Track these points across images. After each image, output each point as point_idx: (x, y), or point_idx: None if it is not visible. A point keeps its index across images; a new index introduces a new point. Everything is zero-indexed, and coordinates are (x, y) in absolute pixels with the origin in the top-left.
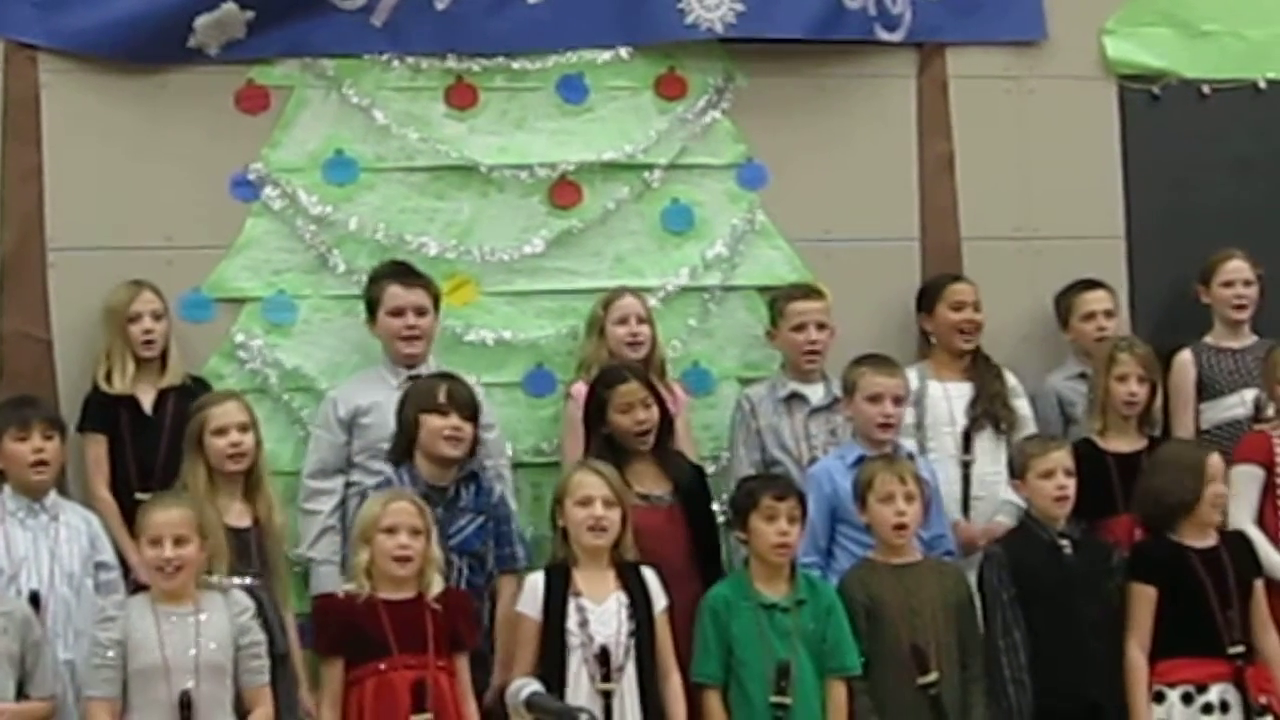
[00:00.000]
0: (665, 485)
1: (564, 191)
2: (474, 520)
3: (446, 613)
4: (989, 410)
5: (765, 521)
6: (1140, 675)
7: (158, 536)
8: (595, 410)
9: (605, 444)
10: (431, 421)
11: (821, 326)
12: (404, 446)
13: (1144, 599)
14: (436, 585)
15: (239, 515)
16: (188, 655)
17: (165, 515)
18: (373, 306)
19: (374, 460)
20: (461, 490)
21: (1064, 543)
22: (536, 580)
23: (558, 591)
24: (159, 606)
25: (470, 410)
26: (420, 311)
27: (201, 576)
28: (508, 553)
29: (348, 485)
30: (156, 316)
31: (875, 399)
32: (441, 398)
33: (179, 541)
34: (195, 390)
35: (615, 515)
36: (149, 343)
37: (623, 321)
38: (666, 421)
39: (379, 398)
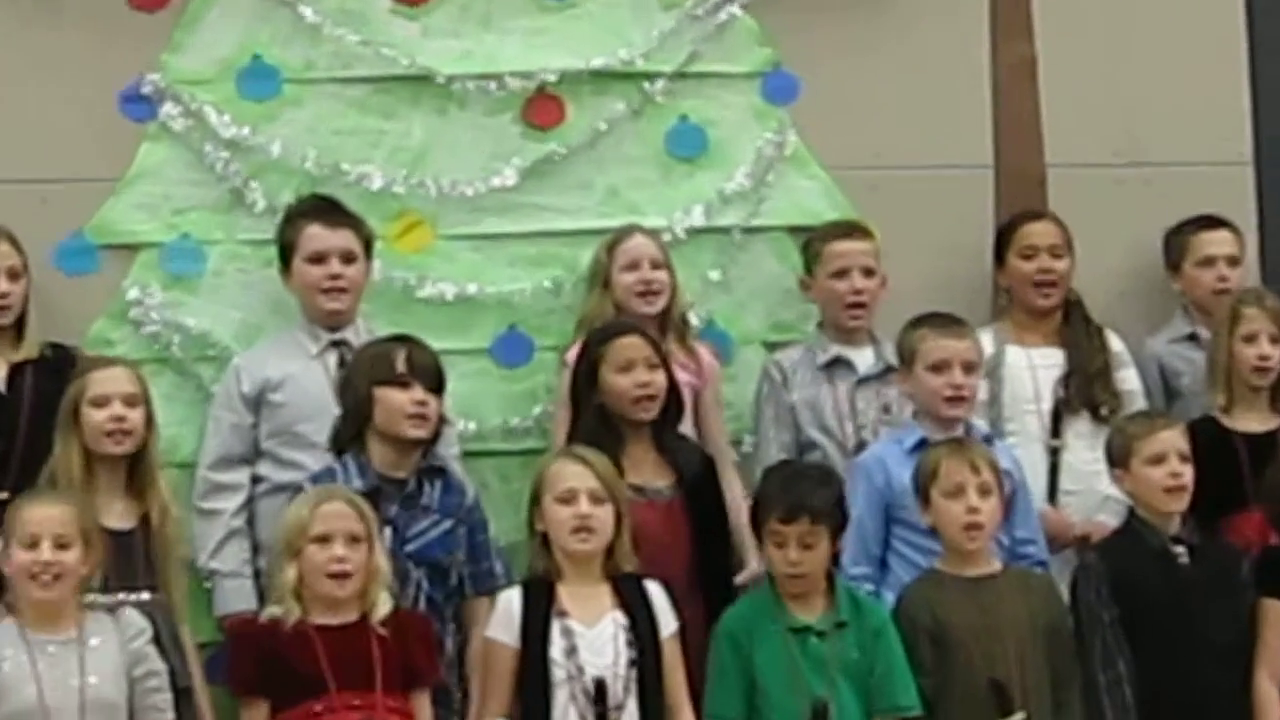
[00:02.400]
0: (666, 475)
1: (542, 108)
2: (438, 524)
3: (397, 639)
4: (1086, 384)
5: (773, 546)
6: (1272, 711)
7: (34, 537)
8: (585, 374)
9: (598, 419)
10: (390, 396)
11: (869, 273)
12: (352, 428)
13: (1278, 618)
14: (384, 605)
15: (121, 515)
16: (71, 693)
17: (44, 512)
18: (288, 252)
19: (287, 447)
20: (425, 485)
21: (1179, 549)
22: (511, 598)
23: (538, 612)
24: (32, 635)
25: (436, 380)
26: (347, 258)
27: (84, 596)
28: (485, 569)
29: (255, 480)
30: (13, 275)
31: (940, 367)
32: (401, 366)
33: (60, 545)
34: (57, 363)
35: (607, 514)
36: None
37: (633, 267)
38: (675, 397)
39: (293, 368)
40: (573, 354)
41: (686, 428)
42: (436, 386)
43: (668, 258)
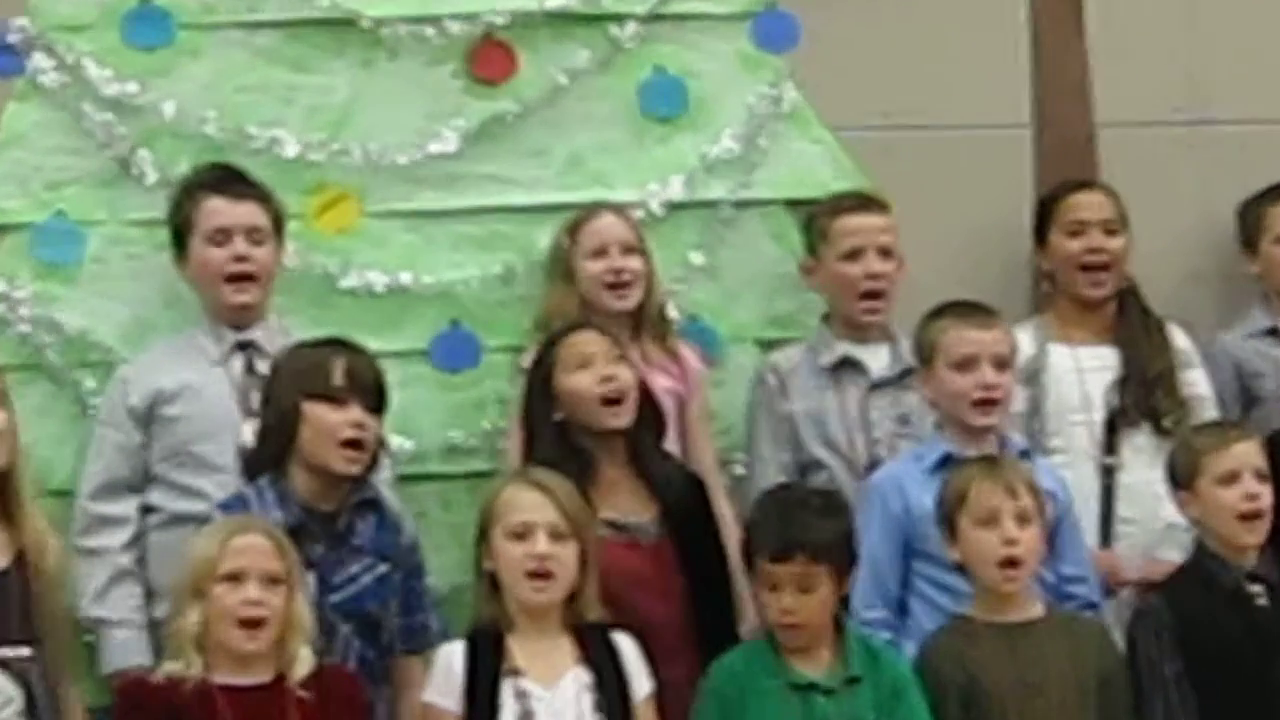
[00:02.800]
0: (650, 507)
1: (490, 58)
2: (372, 569)
3: (321, 703)
4: (1144, 389)
5: (767, 590)
6: None
7: None
8: (538, 385)
9: (556, 440)
10: (320, 415)
11: (885, 254)
12: (273, 448)
13: None
14: (305, 662)
15: None
16: None
17: None
18: (182, 233)
19: (184, 471)
20: (356, 521)
21: (1256, 588)
22: (453, 654)
23: (486, 670)
24: None
25: (377, 397)
26: (254, 237)
27: None
28: (418, 623)
29: (147, 511)
30: None
31: (966, 364)
32: (338, 378)
33: None
34: None
35: (569, 554)
36: None
37: (600, 253)
38: (653, 409)
39: (191, 376)
40: (528, 360)
41: (670, 445)
42: (377, 405)
43: (642, 241)
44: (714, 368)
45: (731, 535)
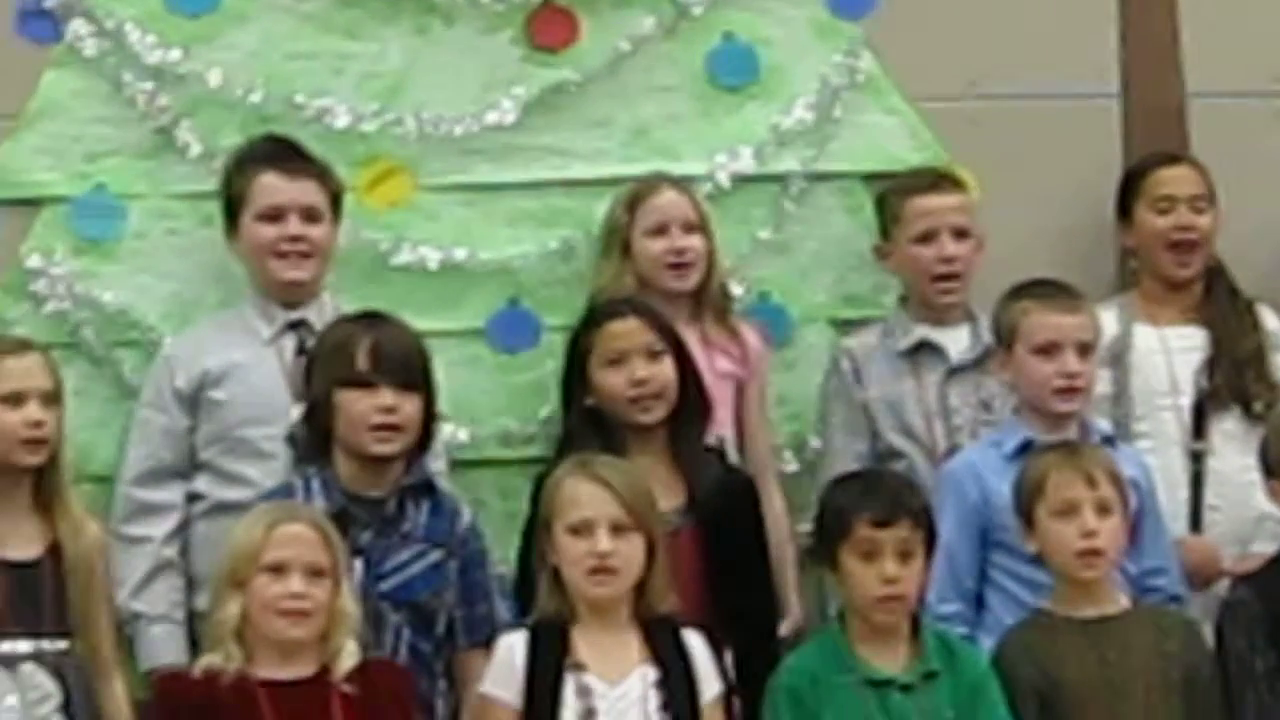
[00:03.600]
0: (677, 495)
1: (550, 24)
2: (424, 556)
3: (367, 699)
4: (1235, 372)
5: (861, 560)
6: None
7: None
8: (573, 366)
9: (587, 424)
10: (349, 401)
11: (962, 235)
12: (315, 439)
13: None
14: (350, 657)
15: (25, 541)
16: None
17: None
18: (234, 209)
19: (231, 457)
20: (408, 505)
21: None
22: (514, 646)
23: (548, 664)
24: None
25: (409, 375)
26: (310, 215)
27: None
28: (481, 613)
29: (192, 499)
30: None
31: (1048, 349)
32: (362, 361)
33: None
34: None
35: (634, 548)
36: None
37: (660, 231)
38: (699, 396)
39: (239, 357)
40: None
41: (727, 430)
42: (412, 381)
43: (704, 218)
44: (784, 348)
45: (780, 527)
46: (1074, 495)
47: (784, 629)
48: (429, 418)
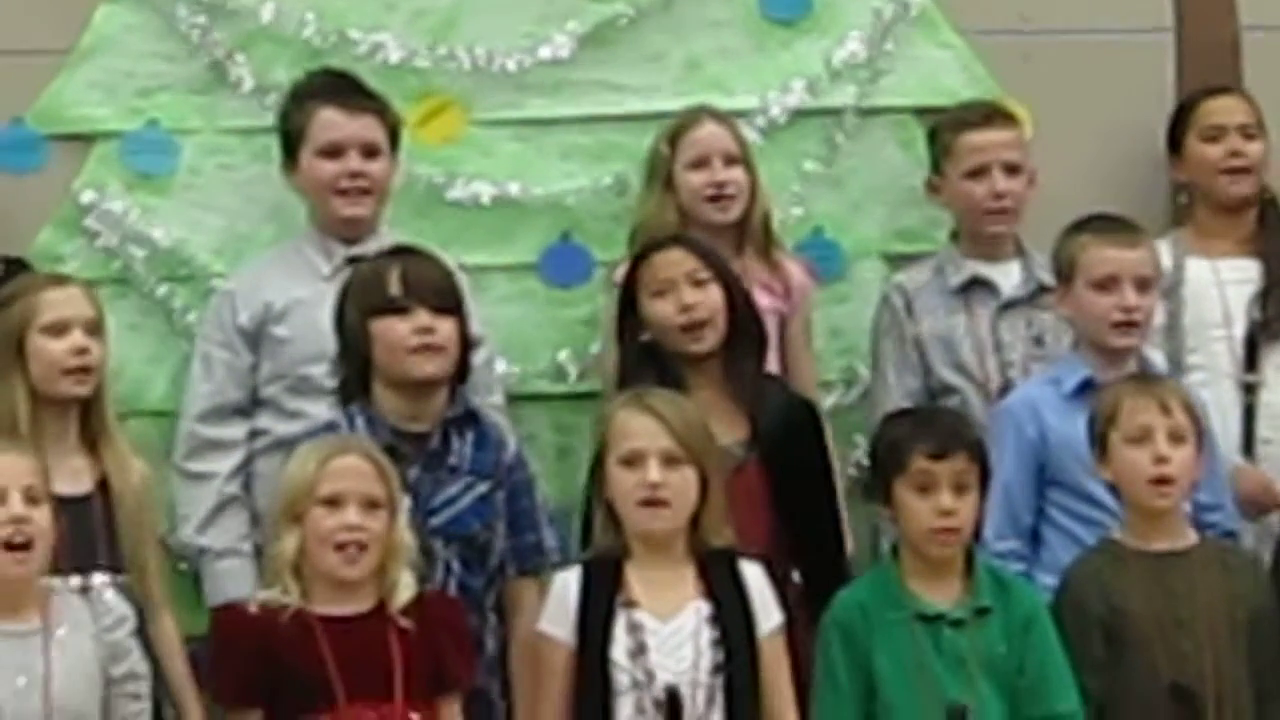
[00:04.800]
0: (739, 428)
1: None
2: (472, 488)
3: (423, 634)
4: None
5: (916, 494)
6: None
7: None
8: (626, 302)
9: (641, 358)
10: (386, 329)
11: (1014, 170)
12: (354, 374)
13: None
14: (406, 590)
15: (74, 475)
16: (31, 697)
17: (3, 460)
18: (293, 144)
19: (293, 394)
20: (452, 438)
21: None
22: (568, 583)
23: (600, 600)
24: None
25: (444, 297)
26: (369, 151)
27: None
28: (530, 542)
29: (254, 435)
30: None
31: (1106, 284)
32: (394, 288)
33: (31, 499)
34: (9, 281)
35: (686, 479)
36: None
37: (701, 164)
38: (754, 325)
39: (302, 292)
40: (622, 272)
41: (770, 367)
42: (446, 305)
43: (745, 150)
44: (837, 282)
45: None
46: (1148, 420)
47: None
48: (465, 345)
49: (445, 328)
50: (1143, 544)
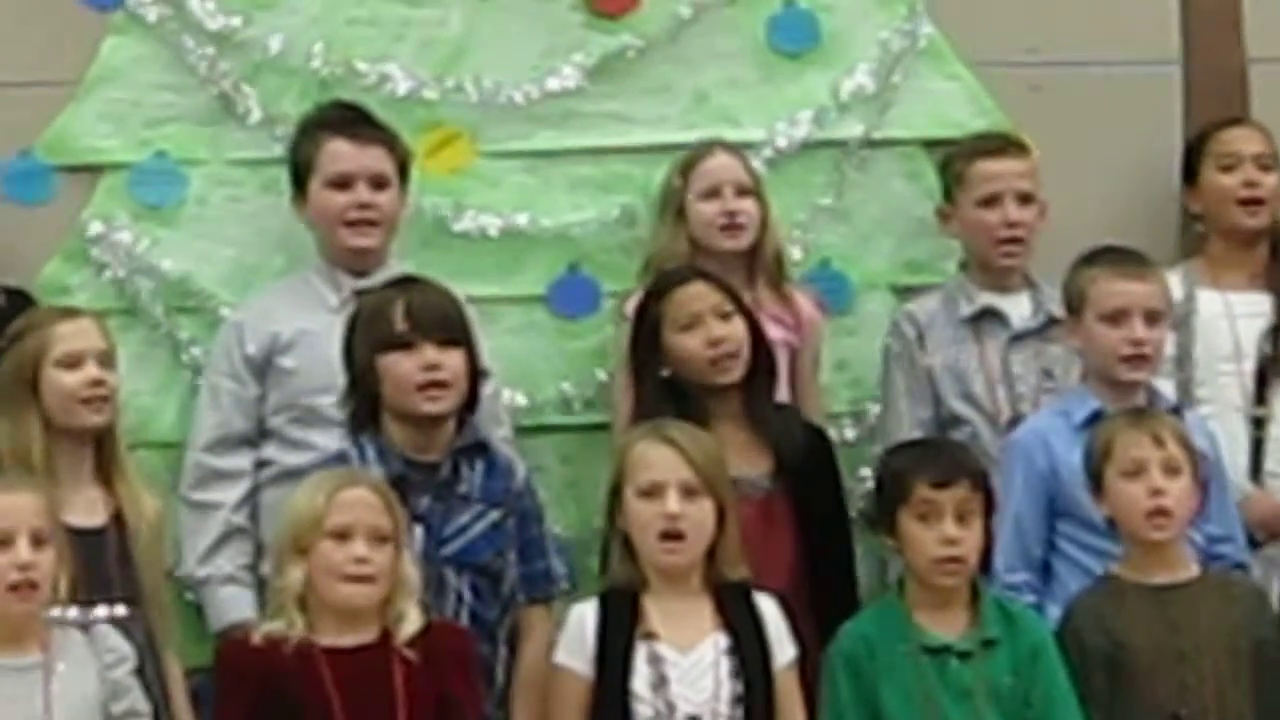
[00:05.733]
0: (762, 460)
1: None
2: (483, 516)
3: (429, 665)
4: None
5: (920, 523)
6: None
7: (7, 533)
8: (644, 336)
9: (663, 394)
10: (393, 364)
11: (1026, 200)
12: (363, 406)
13: None
14: (412, 622)
15: (89, 507)
16: None
17: (15, 501)
18: (302, 176)
19: (299, 425)
20: (462, 467)
21: None
22: (585, 615)
23: (619, 632)
24: None
25: (449, 329)
26: (378, 182)
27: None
28: (539, 569)
29: (260, 465)
30: None
31: (1116, 317)
32: (400, 322)
33: (36, 541)
34: (13, 313)
35: (704, 512)
36: None
37: (712, 194)
38: (766, 357)
39: (309, 324)
40: (633, 304)
41: (783, 397)
42: (453, 337)
43: (757, 182)
44: (845, 315)
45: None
46: (1141, 454)
47: None
48: (474, 375)
49: (452, 361)
50: (1143, 577)
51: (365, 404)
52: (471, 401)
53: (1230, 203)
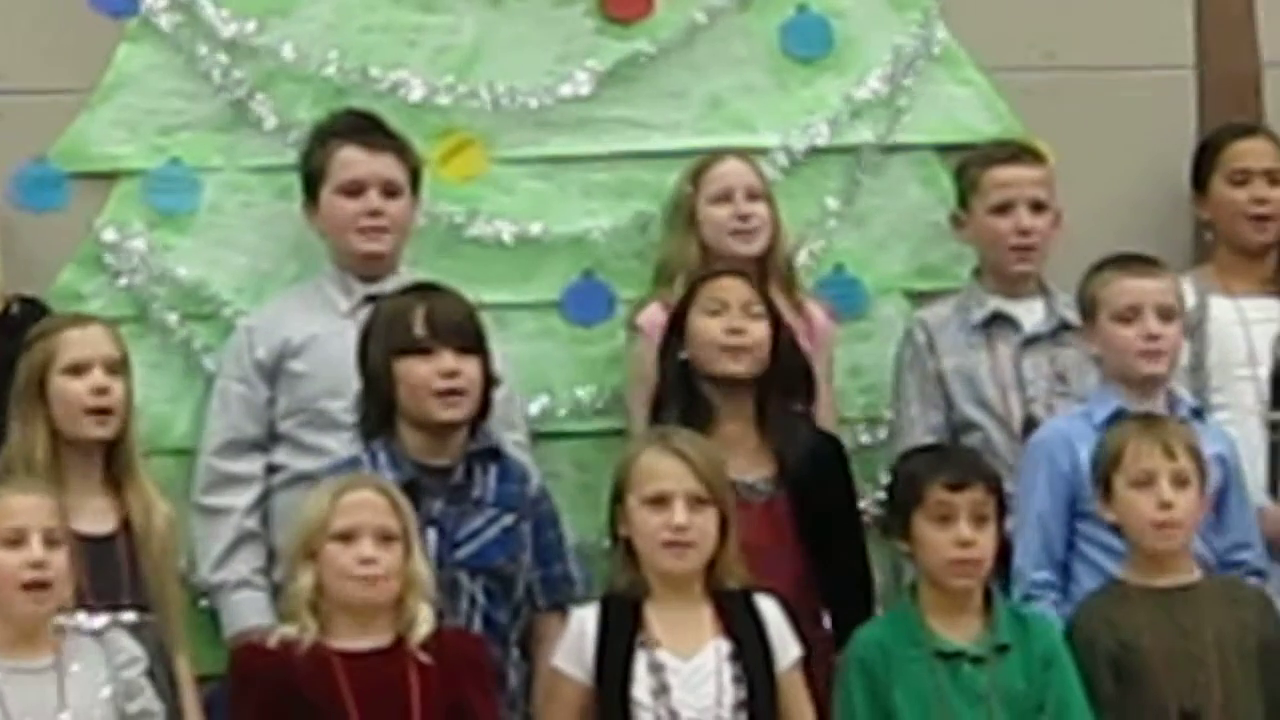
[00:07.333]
0: (767, 465)
1: None
2: (496, 520)
3: (442, 668)
4: None
5: (935, 525)
6: None
7: (19, 533)
8: (674, 323)
9: (679, 380)
10: (410, 369)
11: (1039, 208)
12: (376, 411)
13: None
14: (424, 624)
15: (98, 515)
16: None
17: (24, 501)
18: (314, 183)
19: (310, 429)
20: (475, 472)
21: None
22: (585, 620)
23: (620, 639)
24: (1, 658)
25: (466, 337)
26: (390, 190)
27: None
28: (556, 574)
29: (271, 470)
30: None
31: (1129, 315)
32: (419, 328)
33: (50, 541)
34: (25, 320)
35: (708, 521)
36: None
37: (724, 198)
38: (797, 365)
39: (319, 329)
40: (648, 315)
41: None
42: (470, 345)
43: (767, 188)
44: (859, 320)
45: None
46: (1152, 465)
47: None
48: (488, 382)
49: (469, 369)
50: (1148, 581)
51: (379, 408)
52: (484, 408)
53: (1239, 217)
